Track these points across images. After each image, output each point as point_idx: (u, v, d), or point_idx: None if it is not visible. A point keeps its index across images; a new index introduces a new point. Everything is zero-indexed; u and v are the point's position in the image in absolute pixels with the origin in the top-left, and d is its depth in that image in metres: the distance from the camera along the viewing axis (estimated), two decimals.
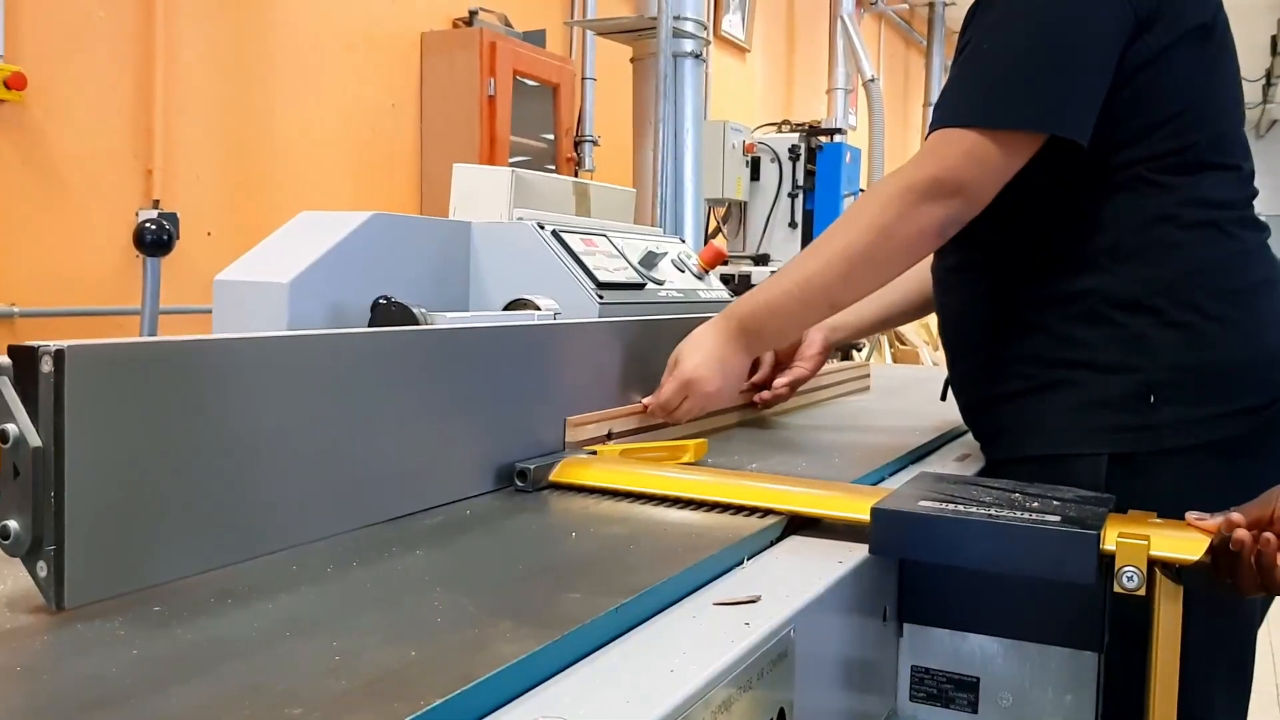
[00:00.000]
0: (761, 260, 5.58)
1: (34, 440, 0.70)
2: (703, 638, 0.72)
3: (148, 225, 1.38)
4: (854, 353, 4.57)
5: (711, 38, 5.79)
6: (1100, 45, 1.21)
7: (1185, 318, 1.21)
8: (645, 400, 1.35)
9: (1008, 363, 1.33)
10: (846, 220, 1.30)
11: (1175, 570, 0.87)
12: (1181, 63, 1.24)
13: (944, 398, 1.60)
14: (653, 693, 0.62)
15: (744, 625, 0.75)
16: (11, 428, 0.71)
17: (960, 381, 1.45)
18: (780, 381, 1.64)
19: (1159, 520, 0.95)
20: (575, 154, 5.70)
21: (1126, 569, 0.86)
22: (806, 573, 0.88)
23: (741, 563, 0.91)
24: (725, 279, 4.28)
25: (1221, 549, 0.87)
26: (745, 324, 1.33)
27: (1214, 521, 0.89)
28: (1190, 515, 0.92)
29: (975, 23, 1.27)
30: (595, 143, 5.75)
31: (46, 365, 0.71)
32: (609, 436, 1.30)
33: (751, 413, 1.66)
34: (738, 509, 1.02)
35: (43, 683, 0.58)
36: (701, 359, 1.31)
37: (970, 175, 1.21)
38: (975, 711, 1.00)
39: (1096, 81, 1.21)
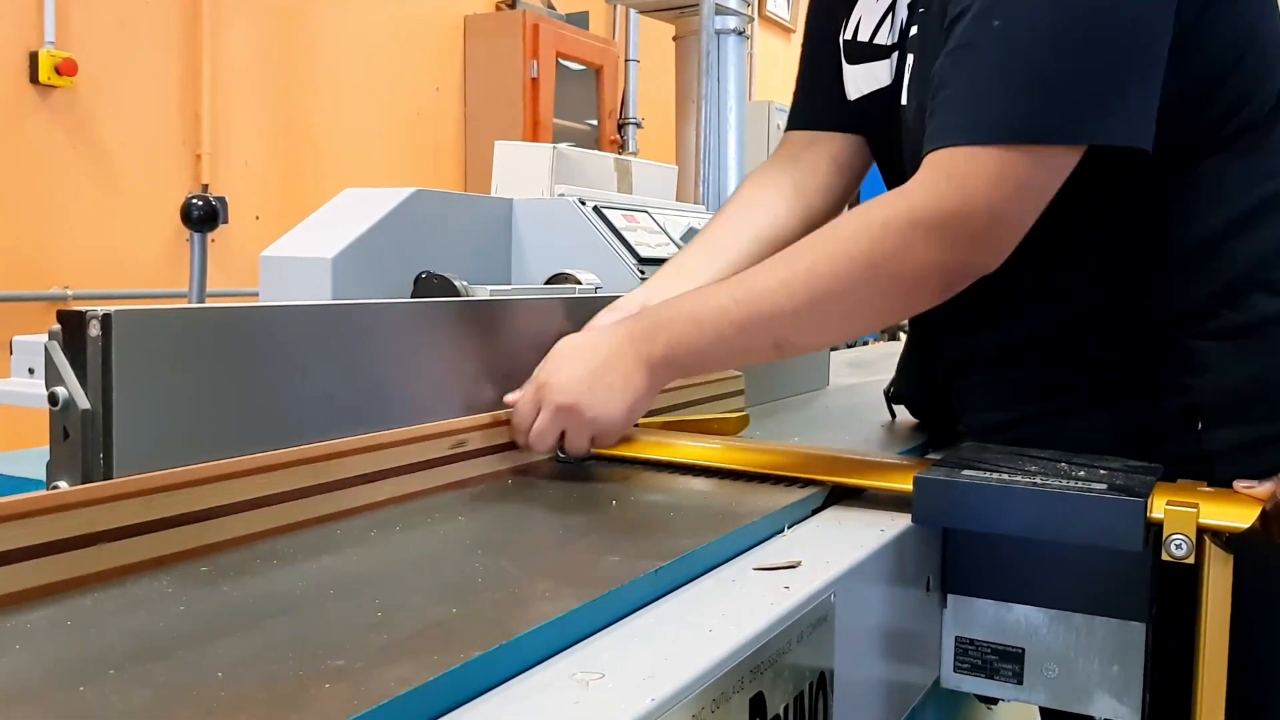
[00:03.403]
0: None
1: (83, 403, 0.71)
2: (742, 600, 0.72)
3: (195, 201, 1.40)
4: None
5: (756, 16, 5.75)
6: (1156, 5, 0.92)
7: (1241, 320, 1.02)
8: (506, 406, 1.03)
9: (1033, 381, 1.12)
10: (822, 240, 0.99)
11: (1225, 538, 0.86)
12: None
13: (893, 415, 1.43)
14: (691, 651, 0.62)
15: (784, 589, 0.75)
16: (61, 391, 0.72)
17: (967, 399, 1.22)
18: None
19: (1208, 489, 0.93)
20: (619, 136, 5.69)
21: (1175, 536, 0.85)
22: (848, 541, 0.88)
23: (782, 530, 0.91)
24: None
25: (1274, 514, 0.85)
26: (671, 351, 1.00)
27: (1265, 488, 0.88)
28: (1239, 483, 0.90)
29: None
30: (639, 125, 5.75)
31: (94, 330, 0.72)
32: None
33: None
34: (779, 479, 1.02)
35: (92, 636, 0.60)
36: (601, 392, 0.99)
37: (1002, 210, 0.93)
38: (1020, 683, 0.99)
39: (1156, 58, 0.93)
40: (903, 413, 1.42)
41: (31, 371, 1.55)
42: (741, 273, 1.03)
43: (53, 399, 0.72)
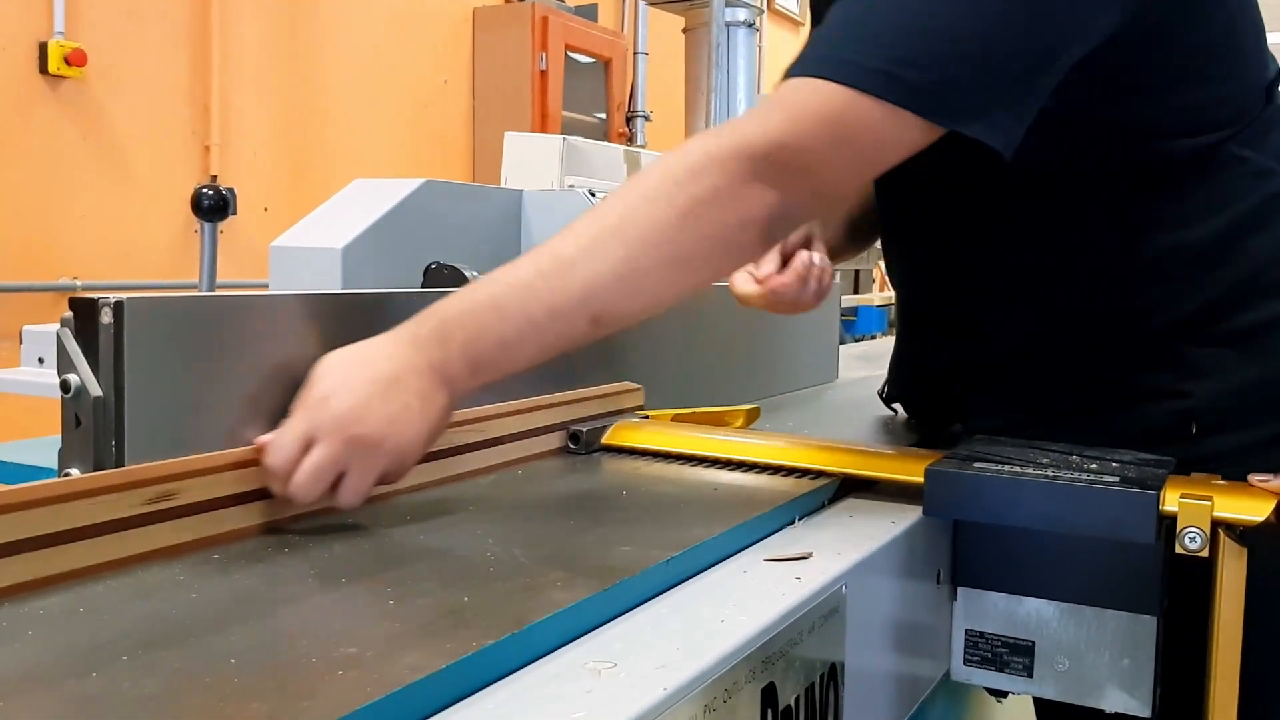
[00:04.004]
0: None
1: (95, 390, 0.72)
2: (753, 590, 0.72)
3: (205, 191, 1.41)
4: None
5: (765, 9, 5.74)
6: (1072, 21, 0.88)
7: (1239, 326, 0.99)
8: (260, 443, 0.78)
9: (1024, 388, 1.10)
10: (635, 184, 0.87)
11: (1239, 532, 0.86)
12: None
13: (894, 410, 1.40)
14: (703, 641, 0.62)
15: (795, 580, 0.74)
16: (73, 378, 0.72)
17: (960, 405, 1.21)
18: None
19: (1222, 482, 0.93)
20: (627, 129, 5.68)
21: (1189, 529, 0.84)
22: (859, 532, 0.88)
23: (793, 521, 0.90)
24: None
25: None
26: (471, 352, 0.81)
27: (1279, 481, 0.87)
28: (1254, 477, 0.90)
29: None
30: (647, 118, 5.74)
31: (106, 317, 0.72)
32: None
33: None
34: (790, 471, 1.02)
35: (105, 622, 0.60)
36: (399, 416, 0.78)
37: (829, 154, 0.85)
38: (1031, 676, 0.99)
39: (1044, 69, 0.88)
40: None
41: (42, 361, 1.55)
42: (545, 242, 0.86)
43: (64, 386, 0.72)
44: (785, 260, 1.13)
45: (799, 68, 0.87)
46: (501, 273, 0.84)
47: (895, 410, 1.42)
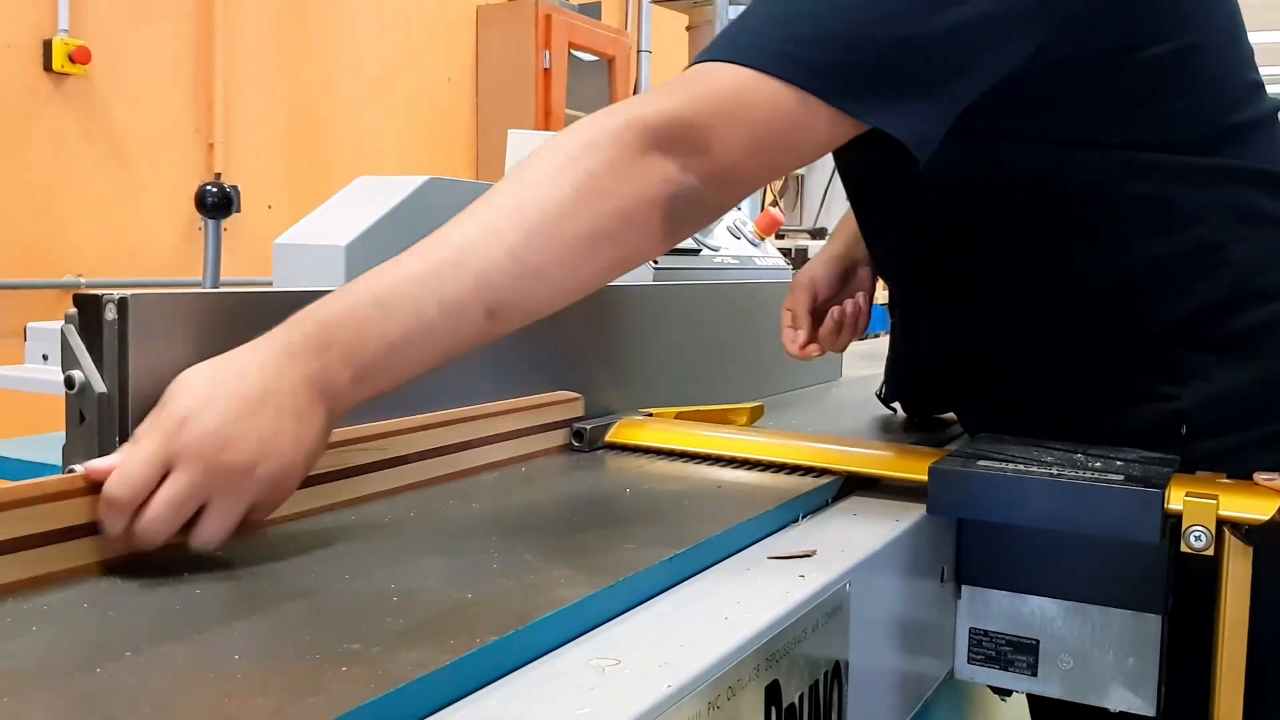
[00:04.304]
0: (819, 234, 5.52)
1: (99, 386, 0.72)
2: (757, 588, 0.72)
3: (209, 188, 1.41)
4: None
5: None
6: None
7: (1234, 329, 0.99)
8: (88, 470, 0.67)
9: (1016, 389, 1.10)
10: (532, 163, 0.81)
11: (1245, 530, 0.85)
12: None
13: (894, 410, 1.41)
14: (707, 639, 0.62)
15: (799, 578, 0.74)
16: (77, 374, 0.72)
17: (954, 403, 1.24)
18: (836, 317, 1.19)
19: (1227, 480, 0.93)
20: None
21: (1194, 528, 0.84)
22: (863, 530, 0.88)
23: (797, 519, 0.90)
24: (782, 253, 4.26)
25: None
26: (352, 360, 0.72)
27: None
28: (1259, 475, 0.90)
29: None
30: None
31: (110, 313, 0.72)
32: None
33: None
34: (794, 469, 1.02)
35: (109, 617, 0.60)
36: (271, 438, 0.69)
37: (727, 132, 0.81)
38: (1035, 674, 0.99)
39: (964, 69, 0.87)
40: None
41: (46, 358, 1.55)
42: (433, 234, 0.79)
43: (69, 382, 0.72)
44: (823, 309, 1.20)
45: (704, 54, 0.85)
46: (385, 266, 0.76)
47: (894, 409, 1.42)
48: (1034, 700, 1.15)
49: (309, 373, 0.71)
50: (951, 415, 1.34)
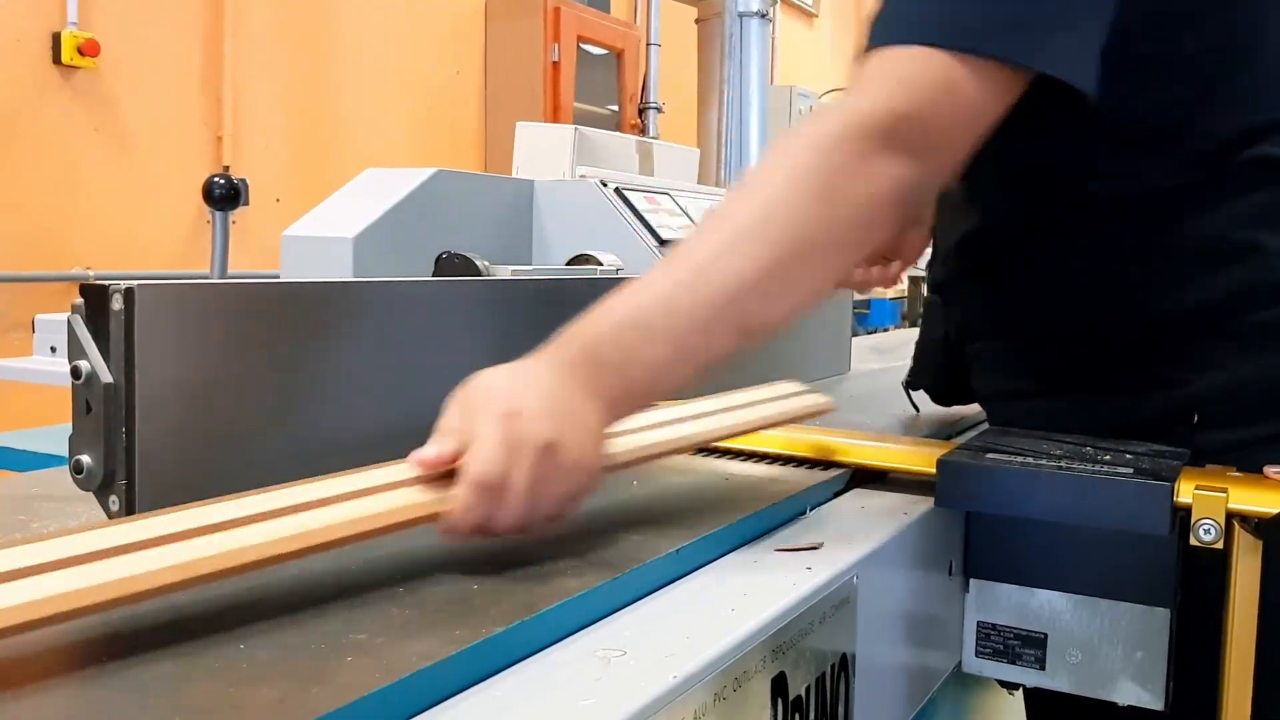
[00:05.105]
0: None
1: (105, 377, 0.71)
2: (764, 580, 0.72)
3: (217, 180, 1.41)
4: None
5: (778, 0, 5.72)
6: None
7: (1258, 319, 0.98)
8: (424, 460, 0.70)
9: (1035, 355, 1.10)
10: (763, 177, 0.82)
11: (1254, 524, 0.85)
12: None
13: (916, 409, 1.38)
14: (713, 631, 0.62)
15: (806, 570, 0.74)
16: (84, 364, 0.72)
17: (975, 364, 1.20)
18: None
19: (1237, 474, 0.92)
20: (639, 121, 5.67)
21: (1204, 521, 0.84)
22: (870, 523, 0.87)
23: (805, 512, 0.90)
24: None
25: None
26: (624, 379, 0.75)
27: None
28: (1269, 469, 0.89)
29: None
30: (659, 110, 5.73)
31: (117, 304, 0.72)
32: None
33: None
34: (801, 462, 1.02)
35: (116, 611, 0.59)
36: (577, 428, 0.72)
37: (947, 119, 0.83)
38: (1043, 668, 0.98)
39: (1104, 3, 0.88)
40: (924, 401, 1.41)
41: (54, 350, 1.56)
42: (675, 249, 0.81)
43: (75, 373, 0.72)
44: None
45: (883, 31, 0.85)
46: (636, 289, 0.77)
47: (918, 407, 1.40)
48: (1031, 700, 1.15)
49: (590, 390, 0.73)
50: (971, 408, 1.33)
